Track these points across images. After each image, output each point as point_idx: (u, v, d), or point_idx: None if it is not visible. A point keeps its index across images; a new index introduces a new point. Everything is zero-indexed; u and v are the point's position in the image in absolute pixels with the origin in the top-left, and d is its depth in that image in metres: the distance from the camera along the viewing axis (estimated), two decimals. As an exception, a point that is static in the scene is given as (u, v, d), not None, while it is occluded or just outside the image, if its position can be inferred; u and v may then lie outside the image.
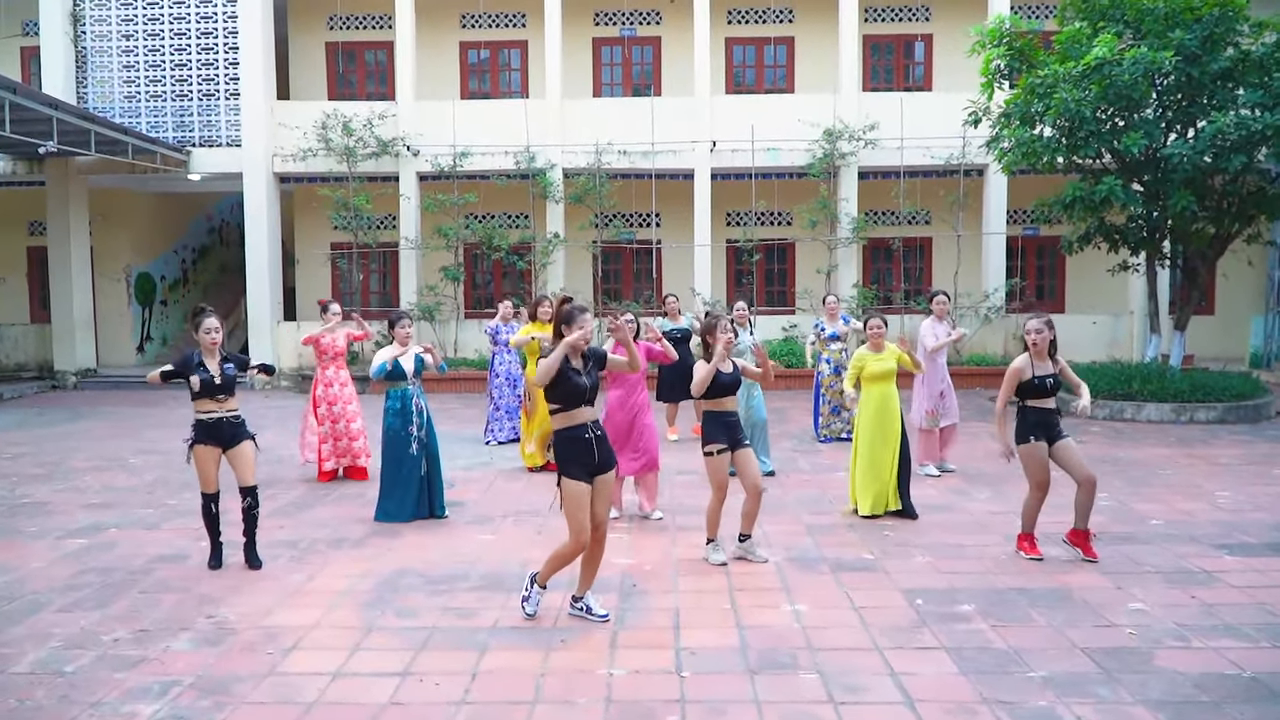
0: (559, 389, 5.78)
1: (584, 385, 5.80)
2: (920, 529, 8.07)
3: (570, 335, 5.81)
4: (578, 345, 5.82)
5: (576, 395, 5.78)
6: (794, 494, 9.37)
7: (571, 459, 5.80)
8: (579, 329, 5.80)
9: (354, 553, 7.64)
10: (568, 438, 5.83)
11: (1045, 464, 7.05)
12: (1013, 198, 18.60)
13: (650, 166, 18.63)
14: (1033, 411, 7.11)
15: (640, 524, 8.40)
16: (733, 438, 6.99)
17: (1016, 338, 18.52)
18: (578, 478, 5.77)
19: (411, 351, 8.74)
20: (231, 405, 7.17)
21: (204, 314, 7.21)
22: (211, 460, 7.12)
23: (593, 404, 5.89)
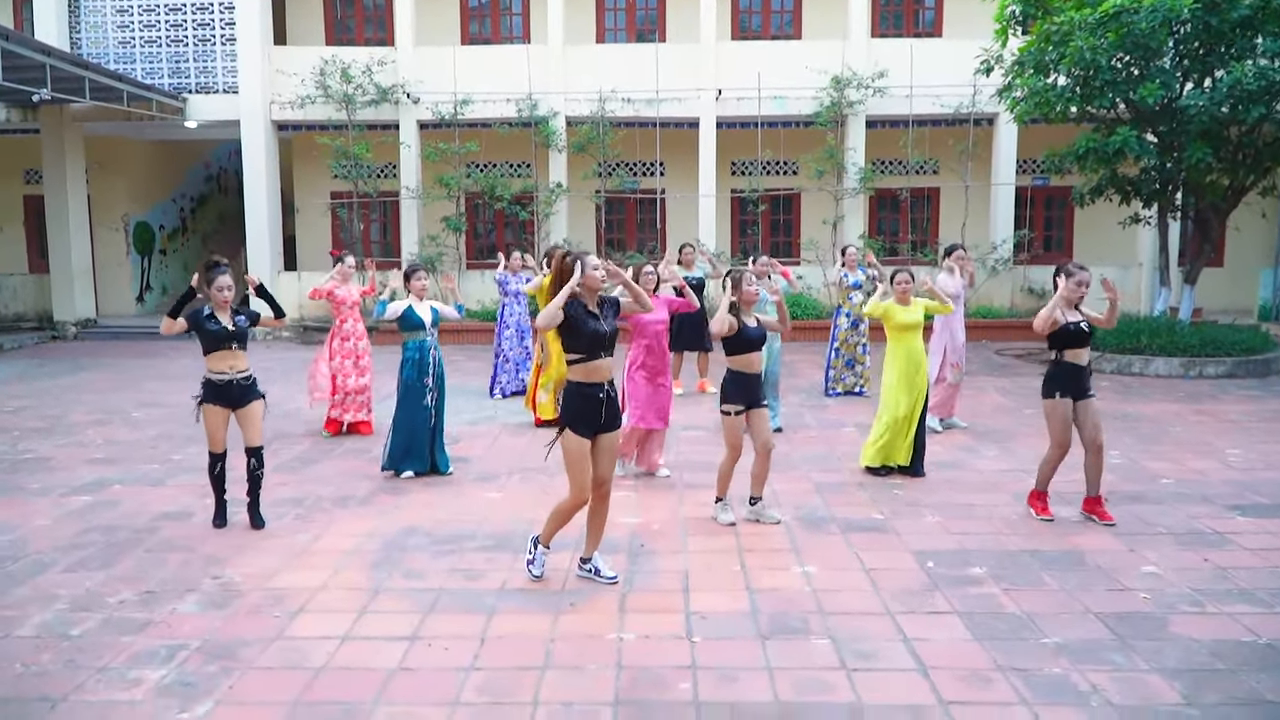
0: (578, 336, 5.66)
1: (603, 331, 5.69)
2: (929, 488, 8.01)
3: (576, 281, 5.69)
4: (593, 286, 5.70)
5: (597, 342, 5.66)
6: (801, 451, 9.30)
7: (578, 415, 5.71)
8: (590, 270, 5.67)
9: (360, 511, 7.59)
10: (580, 394, 5.72)
11: (1069, 423, 6.90)
12: (1022, 148, 18.36)
13: (654, 115, 18.38)
14: (1066, 367, 6.92)
15: (647, 481, 8.34)
16: (751, 398, 6.90)
17: (1024, 290, 18.40)
18: (580, 434, 5.69)
19: (428, 303, 8.64)
20: (243, 365, 7.05)
21: (217, 269, 7.08)
22: (220, 420, 7.03)
23: (612, 352, 5.78)
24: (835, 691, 4.53)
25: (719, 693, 4.53)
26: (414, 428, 8.44)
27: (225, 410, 7.04)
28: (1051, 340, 6.97)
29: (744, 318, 6.93)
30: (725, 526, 7.01)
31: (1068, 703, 4.41)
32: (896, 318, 8.20)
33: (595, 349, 5.69)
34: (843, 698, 4.47)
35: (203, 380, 7.04)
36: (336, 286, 10.21)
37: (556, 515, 5.90)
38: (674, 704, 4.44)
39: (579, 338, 5.68)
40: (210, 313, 7.01)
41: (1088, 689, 4.53)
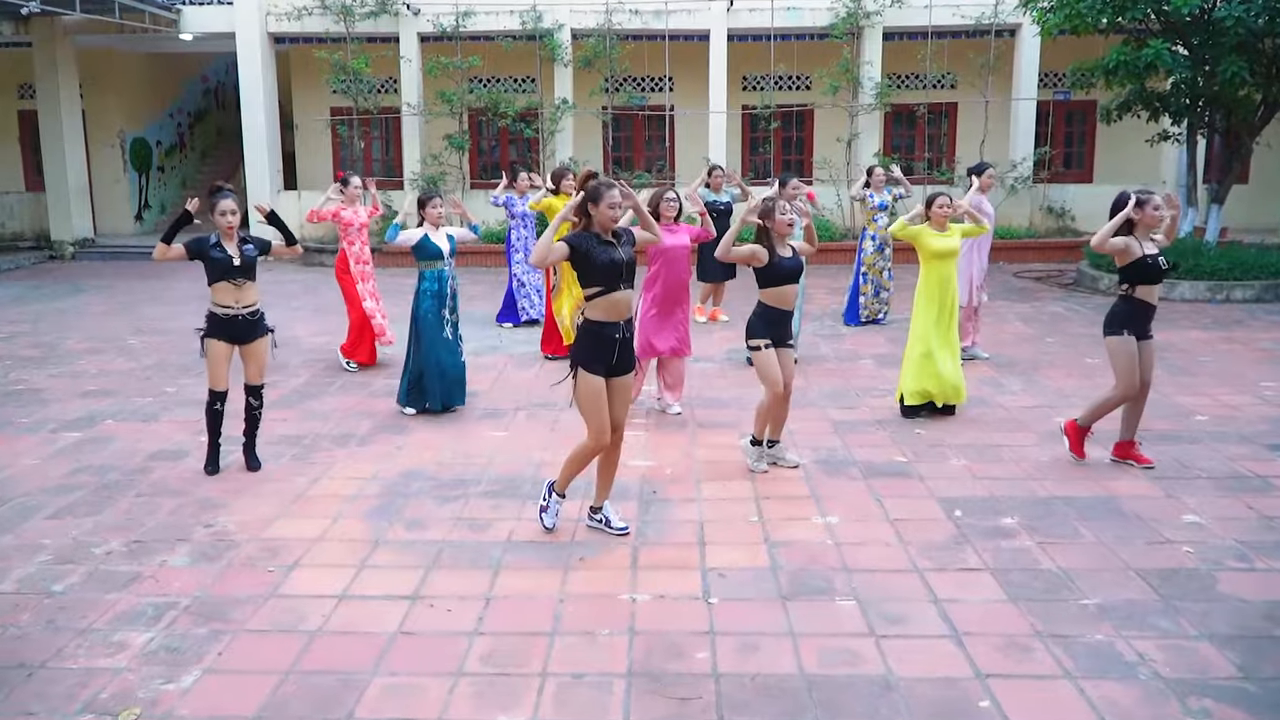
0: (593, 268, 5.27)
1: (620, 259, 5.28)
2: (953, 426, 7.68)
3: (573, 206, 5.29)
4: (605, 225, 5.30)
5: (613, 272, 5.26)
6: (818, 385, 8.96)
7: (591, 354, 5.35)
8: (608, 206, 5.27)
9: (360, 451, 7.29)
10: (595, 333, 5.35)
11: (1136, 361, 6.44)
12: (1045, 60, 17.65)
13: (663, 27, 17.67)
14: (1138, 304, 6.46)
15: (658, 419, 8.02)
16: (779, 335, 6.52)
17: (1044, 209, 17.88)
18: (594, 372, 5.34)
19: (444, 230, 8.22)
20: (250, 299, 6.67)
21: (220, 194, 6.67)
22: (223, 356, 6.67)
23: (632, 283, 5.40)
24: (864, 662, 4.24)
25: (740, 663, 4.24)
26: (435, 362, 8.06)
27: (229, 346, 6.69)
28: (1125, 274, 6.48)
29: (778, 248, 6.50)
30: (745, 471, 6.68)
31: (1114, 675, 4.11)
32: (931, 244, 7.67)
33: (613, 279, 5.30)
34: (872, 669, 4.18)
35: (207, 312, 6.69)
36: (343, 209, 9.76)
37: (574, 460, 5.59)
38: (692, 676, 4.15)
39: (593, 269, 5.29)
40: (216, 241, 6.63)
41: (1134, 659, 4.24)
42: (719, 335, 11.25)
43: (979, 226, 8.11)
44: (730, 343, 10.76)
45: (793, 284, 6.52)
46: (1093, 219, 17.74)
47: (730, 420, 7.90)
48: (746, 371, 9.21)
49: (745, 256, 6.43)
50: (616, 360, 5.40)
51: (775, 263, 6.42)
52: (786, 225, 6.46)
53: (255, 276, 6.76)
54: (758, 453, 6.69)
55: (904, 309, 12.19)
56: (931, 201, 7.77)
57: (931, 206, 7.74)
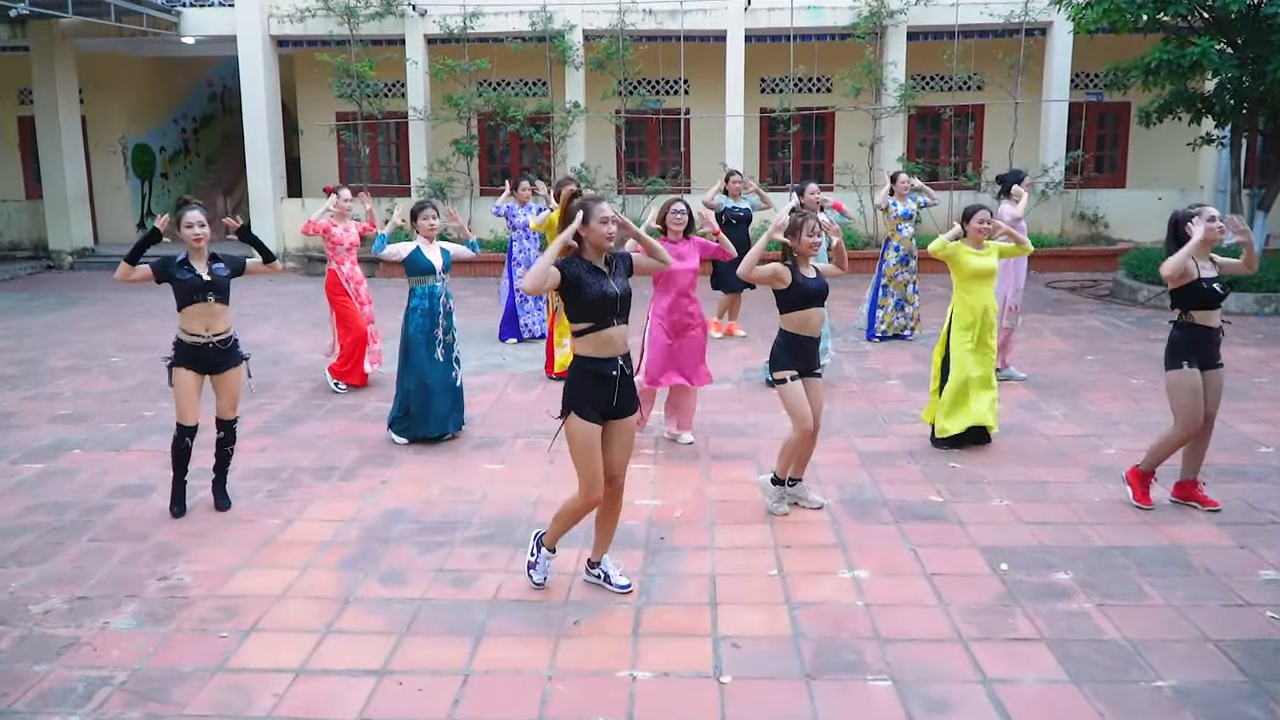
0: (582, 301, 4.63)
1: (612, 292, 4.64)
2: (991, 458, 6.99)
3: (572, 230, 4.65)
4: (598, 245, 4.66)
5: (604, 307, 4.62)
6: (841, 409, 8.28)
7: (584, 396, 4.70)
8: (599, 222, 4.62)
9: (342, 487, 6.67)
10: (587, 371, 4.71)
11: (1199, 395, 5.72)
12: (1076, 61, 16.89)
13: (678, 28, 17.01)
14: (1196, 331, 5.75)
15: (668, 450, 7.37)
16: (806, 363, 5.86)
17: (1076, 216, 17.12)
18: (588, 418, 4.69)
19: (438, 245, 7.59)
20: (221, 324, 6.05)
21: (185, 207, 6.06)
22: (192, 387, 6.04)
23: (626, 318, 4.76)
24: (904, 766, 3.58)
25: (756, 767, 3.59)
26: (426, 387, 7.43)
27: (199, 376, 6.07)
28: (1177, 298, 5.79)
29: (801, 269, 5.84)
30: (763, 513, 6.02)
31: (1205, 788, 3.44)
32: (968, 263, 6.96)
33: (604, 315, 4.66)
34: (914, 776, 3.52)
35: (174, 340, 6.08)
36: (333, 224, 9.17)
37: (564, 515, 4.94)
38: (699, 783, 3.50)
39: (582, 302, 4.65)
40: (184, 259, 6.02)
41: (1226, 764, 3.56)
42: (735, 352, 10.59)
43: (1020, 247, 7.39)
44: (747, 360, 10.10)
45: (818, 308, 5.86)
46: (1126, 225, 17.03)
47: (747, 450, 7.24)
48: (765, 394, 8.56)
49: (767, 277, 5.78)
50: (615, 402, 4.75)
51: (798, 284, 5.77)
52: (811, 245, 5.80)
53: (228, 299, 6.14)
54: (778, 493, 6.03)
55: (930, 322, 11.56)
56: (970, 215, 7.07)
57: (970, 221, 7.04)
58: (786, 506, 6.02)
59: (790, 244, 5.78)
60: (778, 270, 5.76)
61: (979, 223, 7.00)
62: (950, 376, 7.03)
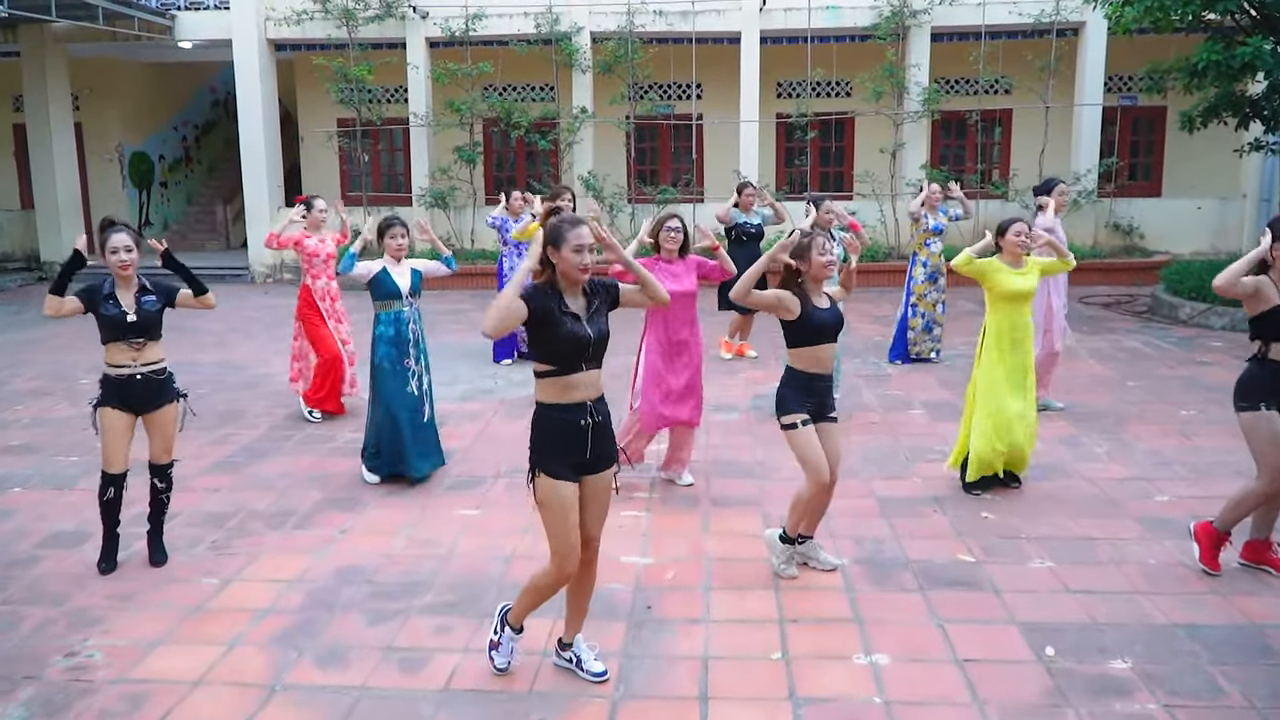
0: (548, 340, 3.90)
1: (585, 336, 3.90)
2: (1029, 507, 6.18)
3: (536, 256, 3.91)
4: (572, 277, 3.93)
5: (572, 351, 3.90)
6: (859, 444, 7.49)
7: (552, 450, 3.96)
8: (573, 249, 3.88)
9: (296, 537, 5.93)
10: (553, 419, 3.97)
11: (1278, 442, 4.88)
12: (1111, 62, 16.03)
13: (690, 29, 16.26)
14: (1273, 367, 4.93)
15: (664, 493, 6.59)
16: (819, 406, 5.08)
17: (1110, 226, 16.25)
18: (559, 475, 3.94)
19: (408, 264, 6.85)
20: (152, 355, 5.35)
21: (111, 229, 5.36)
22: (120, 429, 5.33)
23: (599, 362, 4.02)
24: None
25: None
26: (395, 423, 6.67)
27: (128, 416, 5.36)
28: (1256, 328, 4.97)
29: (813, 296, 5.06)
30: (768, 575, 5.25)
31: None
32: (1004, 283, 6.14)
33: (572, 360, 3.92)
34: None
35: (100, 377, 5.38)
36: (306, 236, 8.49)
37: (532, 591, 4.18)
38: None
39: (549, 343, 3.91)
40: (110, 290, 5.32)
41: None
42: (745, 375, 9.81)
43: (1063, 262, 6.59)
44: (758, 385, 9.33)
45: (830, 343, 5.08)
46: (1162, 237, 16.18)
47: (752, 495, 6.46)
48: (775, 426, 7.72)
49: (769, 303, 5.01)
50: (590, 454, 4.00)
51: (809, 315, 4.98)
52: (826, 267, 5.01)
53: (160, 333, 5.43)
54: (787, 553, 5.25)
55: (956, 341, 10.75)
56: (1005, 229, 6.26)
57: (1005, 235, 6.24)
58: (795, 568, 5.24)
59: (800, 266, 5.00)
60: (783, 298, 4.98)
61: (1016, 236, 6.20)
62: (979, 410, 6.24)
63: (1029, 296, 6.24)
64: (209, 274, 8.62)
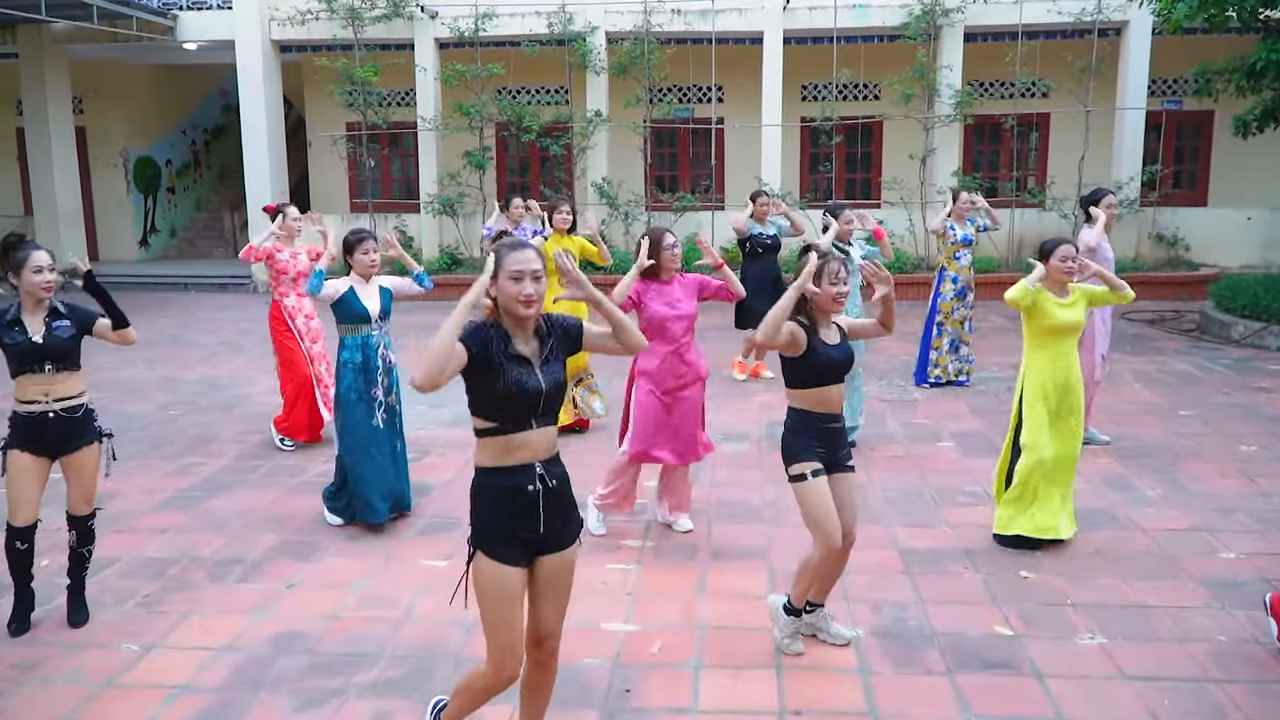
0: (486, 393, 3.20)
1: (533, 387, 3.20)
2: (1074, 565, 5.39)
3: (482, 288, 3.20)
4: (517, 314, 3.24)
5: (520, 404, 3.19)
6: (880, 482, 6.73)
7: (495, 525, 3.26)
8: (510, 278, 3.18)
9: (237, 591, 5.24)
10: (495, 487, 3.26)
11: None
12: (1156, 63, 15.13)
13: (710, 29, 15.51)
14: None
15: (659, 539, 5.85)
16: (830, 453, 4.33)
17: (1152, 238, 15.36)
18: (503, 558, 3.23)
19: (378, 282, 6.14)
20: (68, 389, 4.70)
21: (28, 247, 4.72)
22: (30, 475, 4.70)
23: (553, 418, 3.31)
24: None
25: None
26: (360, 460, 5.95)
27: (42, 460, 4.72)
28: None
29: (820, 330, 4.32)
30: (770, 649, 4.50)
31: None
32: (1051, 314, 5.37)
33: (520, 416, 3.22)
34: None
35: (9, 414, 4.72)
36: (278, 249, 7.82)
37: (465, 692, 3.46)
38: None
39: (491, 394, 3.20)
40: (16, 315, 4.68)
41: None
42: (760, 399, 9.05)
43: (1116, 294, 5.76)
44: (773, 411, 8.55)
45: (835, 383, 4.33)
46: (1209, 249, 15.28)
47: (759, 545, 5.71)
48: (787, 462, 7.00)
49: (786, 343, 4.24)
50: (544, 528, 3.28)
51: (814, 353, 4.24)
52: (835, 300, 4.27)
53: (77, 362, 4.76)
54: (793, 625, 4.49)
55: (989, 362, 9.94)
56: (1050, 251, 5.47)
57: (1050, 258, 5.45)
58: (801, 643, 4.48)
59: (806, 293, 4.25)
60: (796, 334, 4.23)
61: (1061, 261, 5.41)
62: (1021, 459, 5.46)
63: (1076, 329, 5.46)
64: (212, 282, 7.98)
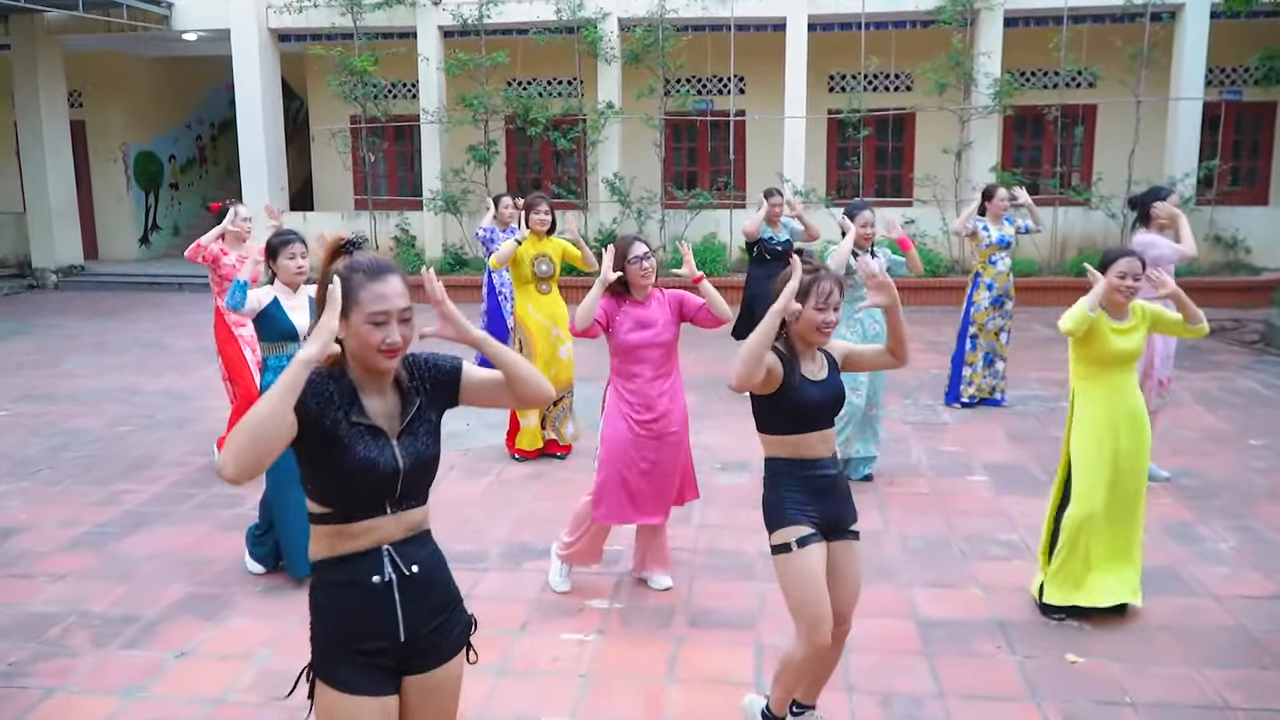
0: (323, 471, 2.34)
1: (388, 465, 2.36)
2: (1133, 643, 4.38)
3: (328, 332, 2.28)
4: (369, 361, 2.40)
5: (371, 485, 2.34)
6: (899, 526, 5.75)
7: (333, 642, 2.38)
8: (368, 320, 2.36)
9: (118, 661, 4.36)
10: (333, 586, 2.38)
11: None
12: (1214, 51, 13.96)
13: (729, 15, 14.51)
14: None
15: (630, 601, 4.90)
16: (827, 514, 3.37)
17: (1210, 240, 14.18)
18: (350, 687, 2.35)
19: (306, 292, 5.25)
20: None
21: None
22: None
23: (417, 499, 2.44)
24: None
25: None
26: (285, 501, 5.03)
27: None
28: None
29: (803, 363, 3.36)
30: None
31: None
32: (1108, 341, 4.39)
33: (365, 503, 2.37)
34: None
35: None
36: (224, 252, 6.98)
37: None
38: None
39: (329, 472, 2.33)
40: None
41: None
42: (769, 420, 8.07)
43: (1192, 328, 4.70)
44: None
45: (825, 428, 3.36)
46: (1271, 251, 14.11)
47: (748, 610, 4.76)
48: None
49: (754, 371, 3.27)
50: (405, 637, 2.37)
51: (793, 391, 3.29)
52: (820, 330, 3.31)
53: None
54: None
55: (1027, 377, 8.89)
56: (1109, 263, 4.46)
57: (1109, 271, 4.44)
58: (785, 764, 3.53)
59: (787, 318, 3.28)
60: (769, 365, 3.27)
61: (1119, 278, 4.39)
62: (1069, 510, 4.47)
63: (1133, 359, 4.47)
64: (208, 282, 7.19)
